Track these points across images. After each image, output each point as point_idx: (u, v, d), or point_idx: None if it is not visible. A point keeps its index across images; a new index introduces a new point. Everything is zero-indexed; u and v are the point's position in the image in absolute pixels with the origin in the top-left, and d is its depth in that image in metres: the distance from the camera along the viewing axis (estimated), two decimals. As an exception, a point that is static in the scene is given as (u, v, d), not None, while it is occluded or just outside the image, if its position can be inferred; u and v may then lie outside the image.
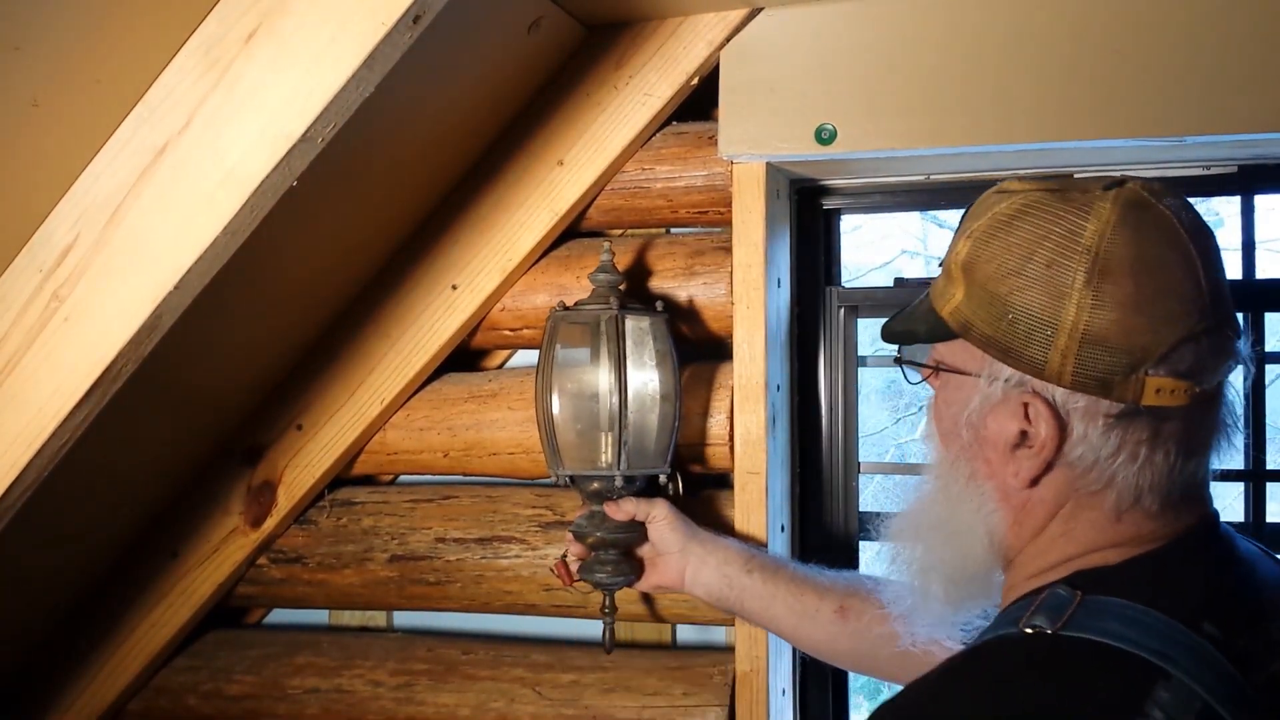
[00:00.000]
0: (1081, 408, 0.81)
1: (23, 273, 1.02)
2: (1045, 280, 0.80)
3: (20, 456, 1.03)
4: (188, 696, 1.61)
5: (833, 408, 1.57)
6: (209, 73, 0.96)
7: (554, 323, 1.37)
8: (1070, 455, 0.82)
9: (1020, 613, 0.80)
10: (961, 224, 0.90)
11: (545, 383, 1.36)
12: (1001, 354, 0.83)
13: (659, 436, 1.37)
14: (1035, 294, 0.81)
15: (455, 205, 1.49)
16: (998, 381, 0.84)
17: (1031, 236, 0.82)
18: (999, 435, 0.84)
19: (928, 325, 0.90)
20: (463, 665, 1.54)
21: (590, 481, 1.35)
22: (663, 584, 1.35)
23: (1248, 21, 1.23)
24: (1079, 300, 0.79)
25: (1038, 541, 0.86)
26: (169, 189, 0.98)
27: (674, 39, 1.39)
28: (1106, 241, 0.80)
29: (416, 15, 0.91)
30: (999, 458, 0.85)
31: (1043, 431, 0.82)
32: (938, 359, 0.91)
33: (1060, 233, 0.81)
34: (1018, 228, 0.83)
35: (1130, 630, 0.75)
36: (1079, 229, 0.81)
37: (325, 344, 1.54)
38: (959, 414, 0.87)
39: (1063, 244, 0.81)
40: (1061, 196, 0.83)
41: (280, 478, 1.58)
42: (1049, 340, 0.80)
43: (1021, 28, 1.30)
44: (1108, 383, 0.79)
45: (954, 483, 0.90)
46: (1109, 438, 0.81)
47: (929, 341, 0.91)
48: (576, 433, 1.36)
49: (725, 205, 1.44)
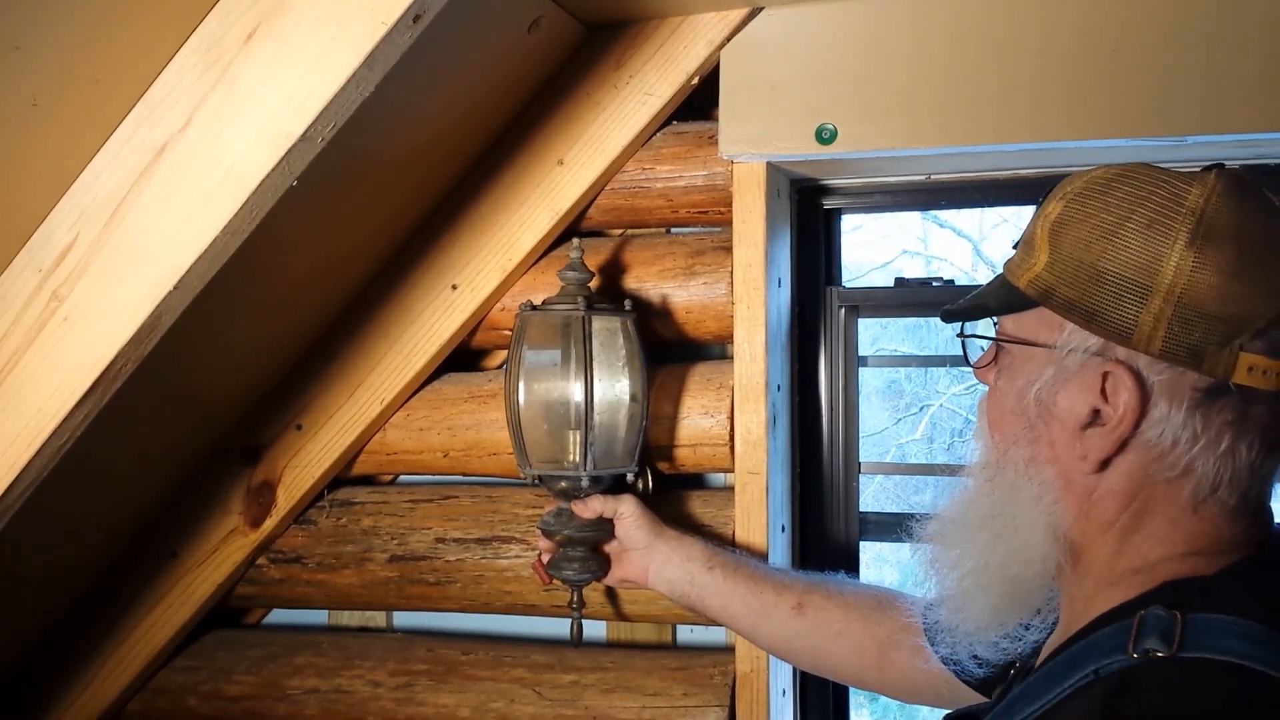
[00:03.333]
0: (1167, 380, 0.76)
1: (22, 272, 1.02)
2: (1144, 240, 0.76)
3: (20, 456, 1.03)
4: (187, 697, 1.61)
5: (833, 408, 1.57)
6: (209, 72, 0.96)
7: (522, 321, 1.37)
8: (1147, 434, 0.77)
9: (1121, 638, 0.74)
10: (1046, 199, 0.85)
11: (513, 382, 1.36)
12: (1085, 319, 0.78)
13: (626, 436, 1.38)
14: (1132, 254, 0.76)
15: (455, 205, 1.49)
16: (1075, 351, 0.79)
17: (1131, 198, 0.78)
18: (1069, 412, 0.80)
19: (999, 299, 0.86)
20: (463, 665, 1.54)
21: (558, 480, 1.36)
22: (627, 578, 1.36)
23: (1248, 21, 1.23)
24: (1179, 262, 0.75)
25: (1108, 537, 0.81)
26: (169, 188, 0.98)
27: (674, 38, 1.39)
28: (1212, 206, 0.76)
29: (416, 15, 0.91)
30: (1066, 438, 0.81)
31: (1122, 404, 0.77)
32: (1005, 333, 0.86)
33: (1163, 195, 0.77)
34: (1115, 189, 0.80)
35: (1257, 650, 0.70)
36: (1183, 192, 0.77)
37: (325, 344, 1.54)
38: (1026, 389, 0.82)
39: (1165, 204, 0.77)
40: (1161, 169, 0.80)
41: (280, 478, 1.58)
42: (1141, 302, 0.76)
43: (1022, 28, 1.30)
44: (1199, 352, 0.75)
45: (1008, 470, 0.84)
46: (1193, 417, 0.76)
47: (1000, 314, 0.87)
48: (544, 432, 1.37)
49: (725, 205, 1.43)
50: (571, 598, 1.39)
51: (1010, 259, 0.87)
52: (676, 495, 1.49)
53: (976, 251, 6.02)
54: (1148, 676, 0.72)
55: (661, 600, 1.44)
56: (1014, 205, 1.57)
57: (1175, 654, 0.70)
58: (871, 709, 4.42)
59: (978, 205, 1.61)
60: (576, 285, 1.37)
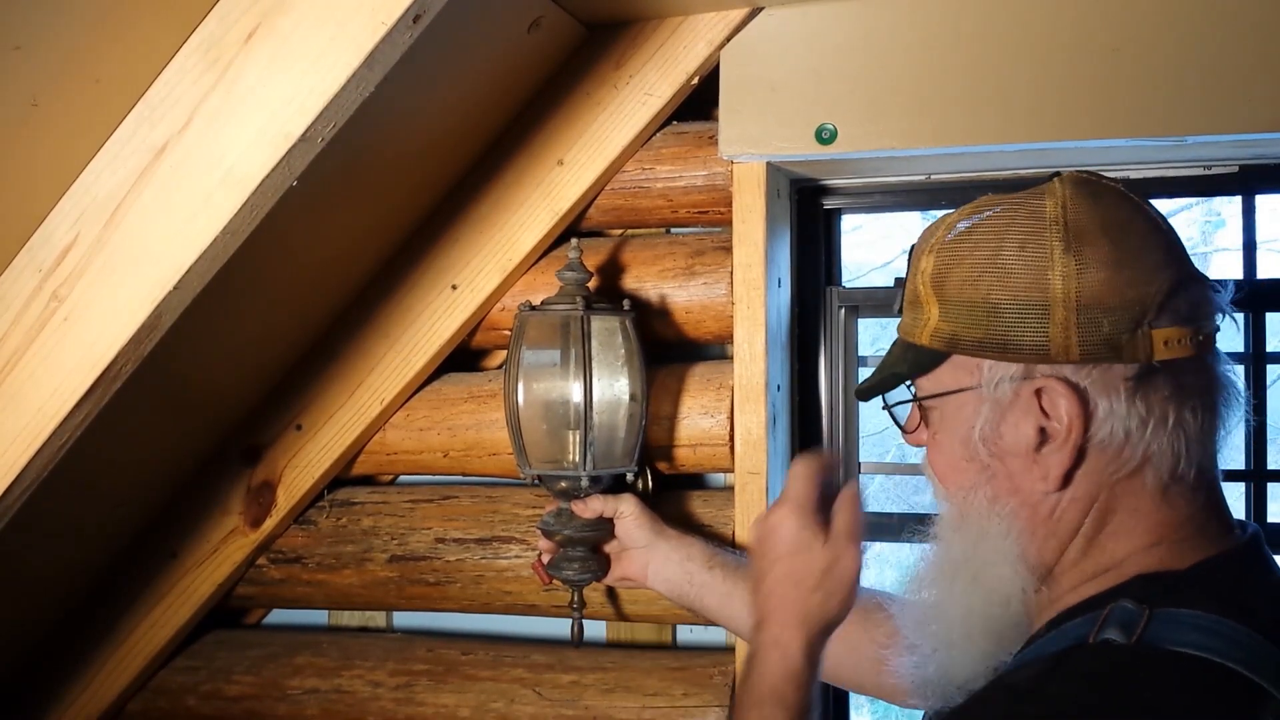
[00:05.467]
0: (1098, 378, 0.78)
1: (22, 272, 1.02)
2: (1023, 262, 0.79)
3: (19, 456, 1.03)
4: (187, 697, 1.61)
5: (833, 408, 1.57)
6: (209, 72, 0.96)
7: (521, 322, 1.37)
8: (1099, 435, 0.78)
9: (1085, 628, 0.75)
10: (913, 254, 0.87)
11: (512, 382, 1.37)
12: (998, 352, 0.80)
13: (626, 436, 1.38)
14: (1017, 279, 0.79)
15: (455, 205, 1.48)
16: (1003, 382, 0.81)
17: (995, 228, 0.81)
18: (1017, 440, 0.81)
19: (909, 363, 0.87)
20: (463, 665, 1.54)
21: (557, 481, 1.36)
22: (627, 577, 1.36)
23: (1248, 21, 1.23)
24: (1063, 270, 0.77)
25: (1075, 543, 0.82)
26: (169, 188, 0.97)
27: (674, 38, 1.39)
28: (1070, 212, 0.79)
29: (416, 15, 0.91)
30: (1022, 465, 0.81)
31: (1064, 414, 0.78)
32: (927, 392, 0.87)
33: (1023, 216, 0.80)
34: (979, 226, 0.82)
35: (1217, 643, 0.70)
36: (1039, 207, 0.80)
37: (325, 344, 1.54)
38: (969, 435, 0.83)
39: (1028, 224, 0.80)
40: (1008, 194, 0.83)
41: (280, 478, 1.58)
42: (1044, 318, 0.78)
43: (1022, 27, 1.30)
44: (1116, 344, 0.77)
45: (972, 515, 0.85)
46: (1135, 404, 0.77)
47: (915, 375, 0.88)
48: (543, 432, 1.37)
49: (725, 205, 1.43)
50: (571, 598, 1.39)
51: (902, 324, 0.90)
52: (676, 495, 1.49)
53: (976, 251, 6.01)
54: (1083, 660, 0.73)
55: (661, 600, 1.44)
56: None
57: (1131, 644, 0.71)
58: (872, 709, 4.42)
59: (978, 205, 1.61)
60: (575, 285, 1.37)
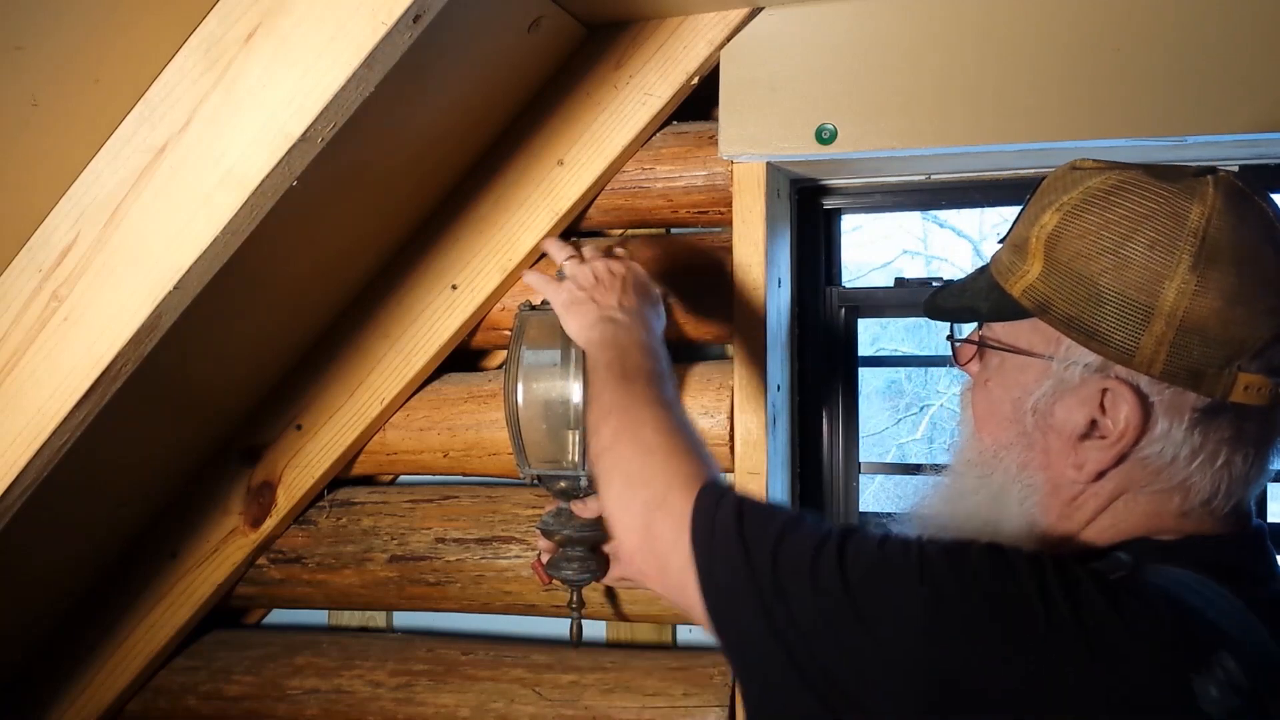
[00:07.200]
0: (1167, 399, 0.77)
1: (22, 272, 1.02)
2: (1146, 261, 0.76)
3: (20, 456, 1.03)
4: (187, 697, 1.61)
5: (833, 408, 1.57)
6: (209, 72, 0.96)
7: (521, 322, 1.37)
8: (1145, 450, 0.78)
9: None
10: (1038, 197, 0.84)
11: (511, 382, 1.36)
12: (1085, 336, 0.78)
13: None
14: (1133, 274, 0.76)
15: (455, 205, 1.49)
16: (1075, 366, 0.79)
17: (1132, 215, 0.77)
18: (1066, 423, 0.80)
19: (991, 303, 0.84)
20: (463, 665, 1.54)
21: (557, 480, 1.36)
22: (626, 575, 1.35)
23: (1247, 21, 1.23)
24: (1181, 285, 0.74)
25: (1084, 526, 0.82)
26: (169, 189, 0.98)
27: (674, 39, 1.39)
28: (1213, 227, 0.75)
29: (416, 14, 0.91)
30: (1061, 447, 0.81)
31: (1122, 420, 0.77)
32: (998, 339, 0.85)
33: (1165, 214, 0.76)
34: (1116, 205, 0.78)
35: (1192, 597, 0.71)
36: (1184, 210, 0.76)
37: (325, 344, 1.54)
38: (1023, 399, 0.82)
39: (1168, 225, 0.76)
40: (1160, 176, 0.79)
41: (280, 478, 1.58)
42: (1143, 324, 0.75)
43: (1022, 27, 1.30)
44: (1199, 374, 0.75)
45: (998, 473, 0.84)
46: (1192, 434, 0.77)
47: (992, 320, 0.86)
48: (543, 432, 1.36)
49: (725, 205, 1.43)
50: (571, 598, 1.39)
51: (999, 259, 0.86)
52: (676, 495, 1.48)
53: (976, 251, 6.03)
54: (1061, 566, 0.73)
55: (661, 600, 1.44)
56: (1014, 205, 1.57)
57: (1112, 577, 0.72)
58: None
59: (978, 205, 1.61)
60: (575, 285, 1.37)
